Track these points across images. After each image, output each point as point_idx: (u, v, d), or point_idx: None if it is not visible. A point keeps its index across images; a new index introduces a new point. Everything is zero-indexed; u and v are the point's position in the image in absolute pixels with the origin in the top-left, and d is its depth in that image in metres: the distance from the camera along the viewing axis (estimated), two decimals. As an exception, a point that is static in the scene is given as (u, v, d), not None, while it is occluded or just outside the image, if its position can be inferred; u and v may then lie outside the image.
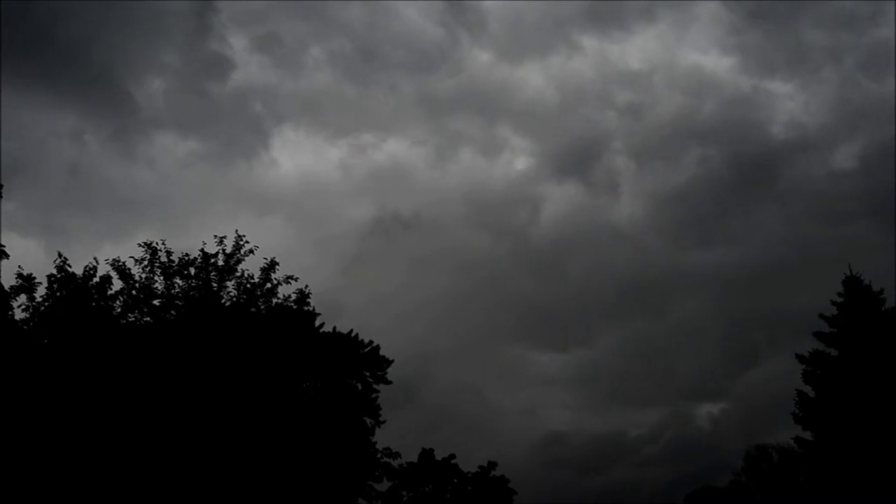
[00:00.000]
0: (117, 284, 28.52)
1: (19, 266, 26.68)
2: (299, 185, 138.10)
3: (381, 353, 34.86)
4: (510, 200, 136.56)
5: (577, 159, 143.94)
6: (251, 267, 30.27)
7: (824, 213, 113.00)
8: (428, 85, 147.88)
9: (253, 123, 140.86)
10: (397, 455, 35.58)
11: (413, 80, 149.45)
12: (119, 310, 28.27)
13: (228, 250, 29.92)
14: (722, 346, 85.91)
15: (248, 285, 30.12)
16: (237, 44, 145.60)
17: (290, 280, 30.56)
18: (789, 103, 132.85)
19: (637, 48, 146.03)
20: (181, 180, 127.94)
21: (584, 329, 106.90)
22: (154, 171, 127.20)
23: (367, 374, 34.46)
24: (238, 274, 29.89)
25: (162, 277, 29.33)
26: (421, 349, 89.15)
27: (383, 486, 37.97)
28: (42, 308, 26.89)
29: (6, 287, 25.66)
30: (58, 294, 27.18)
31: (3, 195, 23.74)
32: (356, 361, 34.20)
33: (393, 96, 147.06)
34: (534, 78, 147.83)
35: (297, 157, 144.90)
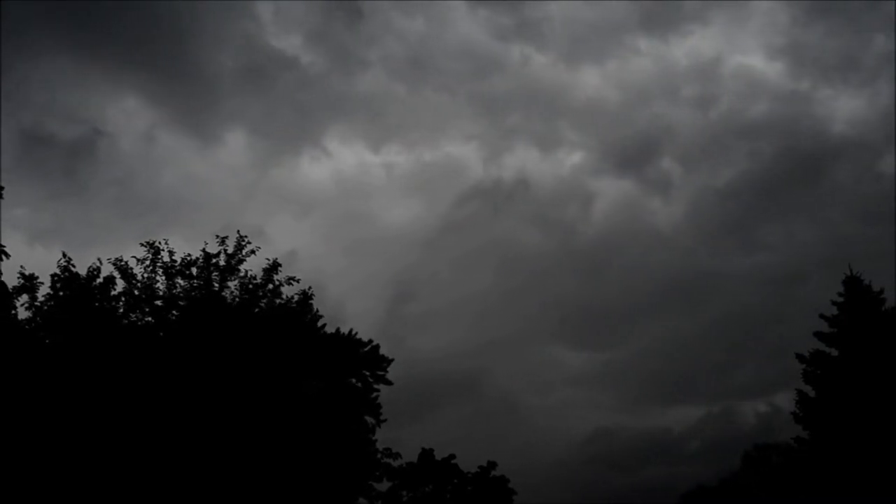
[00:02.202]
0: (120, 284, 28.70)
1: (21, 266, 26.91)
2: (347, 182, 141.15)
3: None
4: (561, 196, 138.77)
5: (629, 158, 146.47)
6: (255, 267, 30.49)
7: (862, 214, 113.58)
8: (483, 86, 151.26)
9: (308, 120, 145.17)
10: (398, 455, 35.80)
11: (468, 82, 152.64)
12: (122, 310, 28.30)
13: (230, 250, 30.04)
14: (768, 344, 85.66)
15: (251, 286, 30.18)
16: (294, 41, 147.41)
17: (291, 281, 30.75)
18: (842, 106, 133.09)
19: (692, 49, 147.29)
20: (235, 175, 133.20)
21: (626, 327, 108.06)
22: (204, 167, 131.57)
23: (367, 373, 34.49)
24: (241, 274, 30.02)
25: (164, 277, 29.37)
26: (463, 347, 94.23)
27: (383, 486, 38.01)
28: (45, 308, 26.93)
29: (9, 287, 25.63)
30: (61, 294, 27.23)
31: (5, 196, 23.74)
32: (356, 361, 34.25)
33: (447, 96, 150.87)
34: (590, 78, 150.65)
35: (348, 153, 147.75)
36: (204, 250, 30.14)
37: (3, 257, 22.16)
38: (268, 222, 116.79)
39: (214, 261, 30.00)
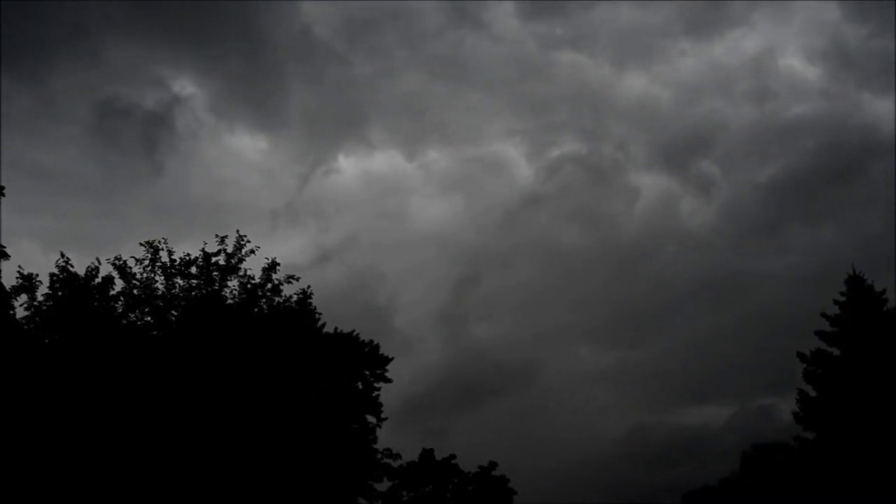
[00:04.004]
0: (119, 284, 28.63)
1: (19, 266, 26.82)
2: (386, 180, 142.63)
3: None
4: (603, 193, 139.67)
5: (672, 155, 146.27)
6: (254, 267, 30.39)
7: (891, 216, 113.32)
8: (524, 87, 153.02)
9: (355, 113, 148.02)
10: (398, 456, 35.78)
11: (510, 83, 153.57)
12: (120, 310, 28.22)
13: (230, 250, 29.97)
14: (803, 343, 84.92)
15: (249, 286, 30.09)
16: (336, 40, 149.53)
17: (290, 280, 30.65)
18: (885, 108, 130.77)
19: (736, 50, 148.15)
20: (290, 163, 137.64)
21: (661, 324, 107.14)
22: (257, 155, 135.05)
23: (368, 372, 34.44)
24: (241, 273, 29.95)
25: (163, 277, 29.28)
26: (503, 342, 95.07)
27: (384, 485, 37.97)
28: (44, 308, 26.87)
29: (7, 287, 25.62)
30: (59, 294, 27.15)
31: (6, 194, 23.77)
32: (356, 360, 34.18)
33: (489, 96, 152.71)
34: (635, 80, 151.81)
35: (386, 152, 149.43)
36: (203, 250, 30.12)
37: (4, 257, 22.10)
38: (322, 211, 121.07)
39: (214, 260, 29.95)
